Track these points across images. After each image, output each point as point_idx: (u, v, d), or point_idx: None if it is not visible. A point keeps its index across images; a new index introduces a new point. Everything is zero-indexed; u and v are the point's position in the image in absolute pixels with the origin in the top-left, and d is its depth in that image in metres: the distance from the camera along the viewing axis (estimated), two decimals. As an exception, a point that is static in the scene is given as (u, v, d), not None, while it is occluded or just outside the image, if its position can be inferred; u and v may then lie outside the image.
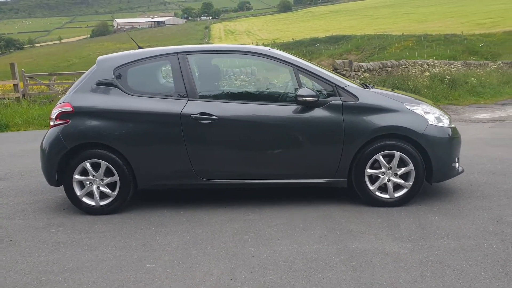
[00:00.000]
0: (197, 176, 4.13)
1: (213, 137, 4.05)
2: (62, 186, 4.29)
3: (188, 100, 4.07)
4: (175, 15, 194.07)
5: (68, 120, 4.14)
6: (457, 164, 4.23)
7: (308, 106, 3.98)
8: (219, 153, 4.09)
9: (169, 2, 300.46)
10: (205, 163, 4.10)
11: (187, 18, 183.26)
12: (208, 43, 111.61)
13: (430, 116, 4.09)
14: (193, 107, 4.04)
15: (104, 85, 4.19)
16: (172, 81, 4.19)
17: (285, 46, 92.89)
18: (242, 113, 4.04)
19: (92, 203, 4.20)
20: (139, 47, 4.73)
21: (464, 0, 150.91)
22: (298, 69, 4.10)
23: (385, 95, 4.18)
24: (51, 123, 4.25)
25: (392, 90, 4.60)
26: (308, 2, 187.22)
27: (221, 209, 4.22)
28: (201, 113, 4.02)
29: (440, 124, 4.09)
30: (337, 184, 4.13)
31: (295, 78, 4.10)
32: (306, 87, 3.96)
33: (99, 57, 4.46)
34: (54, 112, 4.21)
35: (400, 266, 3.01)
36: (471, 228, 3.58)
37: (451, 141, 4.11)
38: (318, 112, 4.00)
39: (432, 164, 4.03)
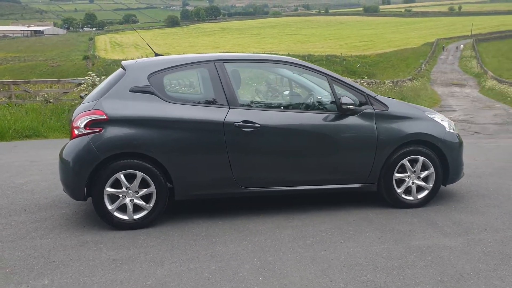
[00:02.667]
0: (238, 184, 4.09)
1: (255, 145, 4.05)
2: (82, 200, 3.97)
3: (229, 108, 4.03)
4: (55, 24, 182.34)
5: (100, 128, 3.84)
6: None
7: (349, 113, 4.18)
8: (260, 161, 4.09)
9: (46, 11, 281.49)
10: (246, 171, 4.08)
11: (68, 28, 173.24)
12: (93, 55, 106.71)
13: (446, 124, 4.53)
14: (235, 115, 4.01)
15: (140, 92, 3.97)
16: (212, 89, 4.11)
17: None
18: (282, 121, 4.11)
19: (125, 217, 3.93)
20: (156, 54, 4.57)
21: (340, 24, 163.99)
22: (332, 79, 4.28)
23: (408, 105, 4.54)
24: (76, 132, 3.90)
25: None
26: (196, 19, 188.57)
27: (258, 218, 4.20)
28: (244, 121, 4.00)
29: (451, 130, 4.55)
30: (368, 188, 4.37)
31: (329, 87, 4.27)
32: (347, 96, 4.16)
33: (126, 62, 4.23)
34: (82, 120, 3.87)
35: (471, 258, 3.32)
36: (497, 222, 4.04)
37: (461, 145, 4.59)
38: (353, 120, 4.22)
39: (449, 167, 4.45)
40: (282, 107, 4.30)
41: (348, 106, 4.10)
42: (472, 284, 2.95)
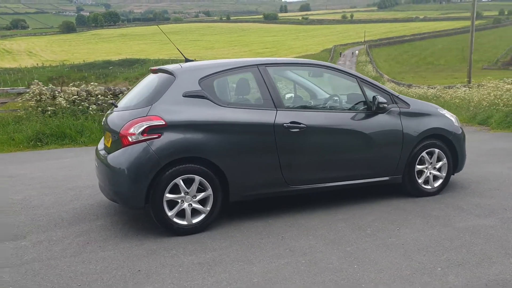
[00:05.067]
0: (286, 183, 4.24)
1: (301, 144, 4.23)
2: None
3: (277, 110, 4.17)
4: None
5: (159, 134, 3.79)
6: None
7: (379, 112, 4.51)
8: (306, 160, 4.28)
9: None
10: (293, 170, 4.24)
11: None
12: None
13: (453, 118, 5.06)
14: (283, 117, 4.17)
15: (193, 97, 3.97)
16: (259, 92, 4.22)
17: (76, 68, 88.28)
18: (325, 121, 4.34)
19: (184, 222, 3.91)
20: (187, 60, 4.56)
21: (242, 30, 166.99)
22: (361, 80, 4.61)
23: (424, 103, 5.00)
24: (130, 139, 3.79)
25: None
26: (94, 25, 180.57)
27: (302, 215, 4.37)
28: (292, 122, 4.17)
29: (457, 124, 5.09)
30: (395, 180, 4.73)
31: (360, 88, 4.58)
32: (379, 95, 4.50)
33: (171, 67, 4.21)
34: (137, 127, 3.79)
35: (515, 233, 3.80)
36: (510, 202, 4.61)
37: (464, 138, 5.15)
38: (383, 118, 4.57)
39: (458, 157, 4.99)
40: (323, 108, 4.54)
41: (384, 104, 4.45)
42: (532, 253, 3.42)
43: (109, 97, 10.35)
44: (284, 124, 4.14)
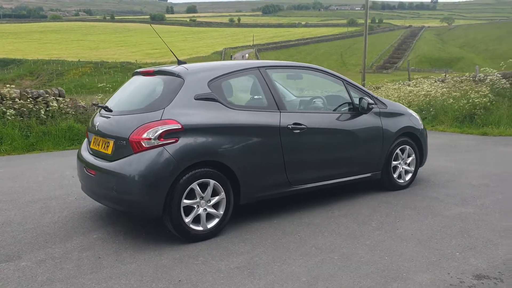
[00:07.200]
0: (290, 184, 4.31)
1: (302, 144, 4.34)
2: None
3: (280, 112, 4.23)
4: None
5: (176, 138, 3.64)
6: None
7: (364, 112, 4.79)
8: (306, 159, 4.40)
9: None
10: (296, 170, 4.33)
11: None
12: None
13: (417, 117, 5.53)
14: (286, 118, 4.24)
15: (204, 100, 3.87)
16: (262, 94, 4.23)
17: None
18: (322, 122, 4.50)
19: (199, 228, 3.80)
20: (180, 62, 4.41)
21: (128, 31, 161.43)
22: (347, 83, 4.85)
23: (397, 104, 5.38)
24: (145, 145, 3.59)
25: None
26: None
27: (302, 213, 4.49)
28: (295, 124, 4.26)
29: (421, 122, 5.58)
30: (375, 176, 5.05)
31: (346, 90, 4.82)
32: (365, 98, 4.77)
33: (177, 69, 4.03)
34: (152, 131, 3.60)
35: (497, 217, 4.27)
36: (472, 191, 5.15)
37: (427, 134, 5.65)
38: (367, 117, 4.85)
39: (423, 152, 5.47)
40: (317, 109, 4.68)
41: (372, 105, 4.74)
42: (522, 233, 3.91)
43: (28, 100, 9.44)
44: (288, 126, 4.21)
